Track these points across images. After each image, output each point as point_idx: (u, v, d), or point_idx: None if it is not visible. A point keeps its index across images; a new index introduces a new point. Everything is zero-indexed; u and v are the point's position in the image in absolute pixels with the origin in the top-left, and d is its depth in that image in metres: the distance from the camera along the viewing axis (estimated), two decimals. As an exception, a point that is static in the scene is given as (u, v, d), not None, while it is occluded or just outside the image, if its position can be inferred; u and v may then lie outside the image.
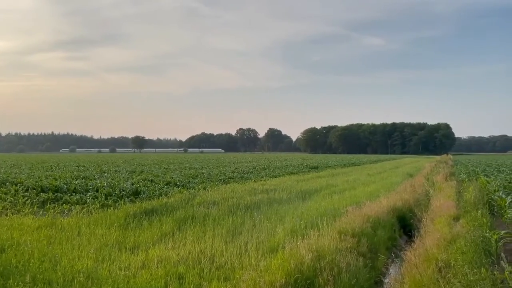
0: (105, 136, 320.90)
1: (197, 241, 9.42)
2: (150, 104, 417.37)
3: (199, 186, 20.59)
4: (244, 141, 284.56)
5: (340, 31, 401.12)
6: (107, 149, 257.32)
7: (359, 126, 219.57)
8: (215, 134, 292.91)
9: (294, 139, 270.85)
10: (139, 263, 7.76)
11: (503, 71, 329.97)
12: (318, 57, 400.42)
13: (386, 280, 9.11)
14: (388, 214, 14.13)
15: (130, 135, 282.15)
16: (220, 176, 28.46)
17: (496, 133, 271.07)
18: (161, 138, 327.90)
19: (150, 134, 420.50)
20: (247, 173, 32.31)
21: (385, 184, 25.18)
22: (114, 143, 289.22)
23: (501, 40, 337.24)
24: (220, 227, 11.06)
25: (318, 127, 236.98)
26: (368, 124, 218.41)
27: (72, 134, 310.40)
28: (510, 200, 13.65)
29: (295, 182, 25.41)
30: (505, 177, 24.96)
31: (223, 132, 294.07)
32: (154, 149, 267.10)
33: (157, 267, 7.46)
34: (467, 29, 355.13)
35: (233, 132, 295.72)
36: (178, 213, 12.86)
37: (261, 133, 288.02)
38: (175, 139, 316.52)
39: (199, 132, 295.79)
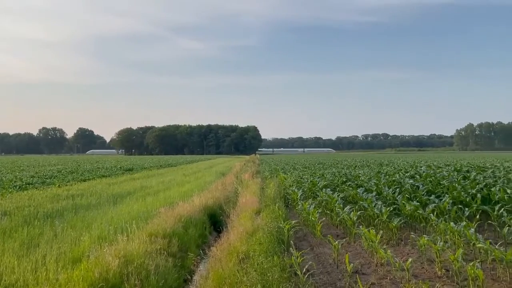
0: None
1: (-21, 260, 7.97)
2: None
3: (-15, 195, 17.50)
4: (48, 141, 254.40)
5: (160, 31, 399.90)
6: None
7: (177, 127, 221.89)
8: (11, 133, 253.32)
9: (108, 139, 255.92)
10: None
11: (303, 81, 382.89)
12: (136, 55, 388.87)
13: (194, 278, 9.42)
14: (200, 212, 14.70)
15: None
16: (15, 182, 24.79)
17: (294, 135, 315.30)
18: None
19: None
20: (50, 178, 29.07)
21: (199, 184, 26.11)
22: None
23: (306, 53, 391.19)
24: (12, 241, 9.63)
25: (135, 127, 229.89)
26: (185, 125, 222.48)
27: None
28: (301, 193, 15.87)
29: (106, 185, 24.08)
30: (298, 174, 28.88)
31: (22, 132, 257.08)
32: None
33: None
34: (274, 41, 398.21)
35: (34, 131, 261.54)
36: (-48, 229, 10.66)
37: (70, 133, 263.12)
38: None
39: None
